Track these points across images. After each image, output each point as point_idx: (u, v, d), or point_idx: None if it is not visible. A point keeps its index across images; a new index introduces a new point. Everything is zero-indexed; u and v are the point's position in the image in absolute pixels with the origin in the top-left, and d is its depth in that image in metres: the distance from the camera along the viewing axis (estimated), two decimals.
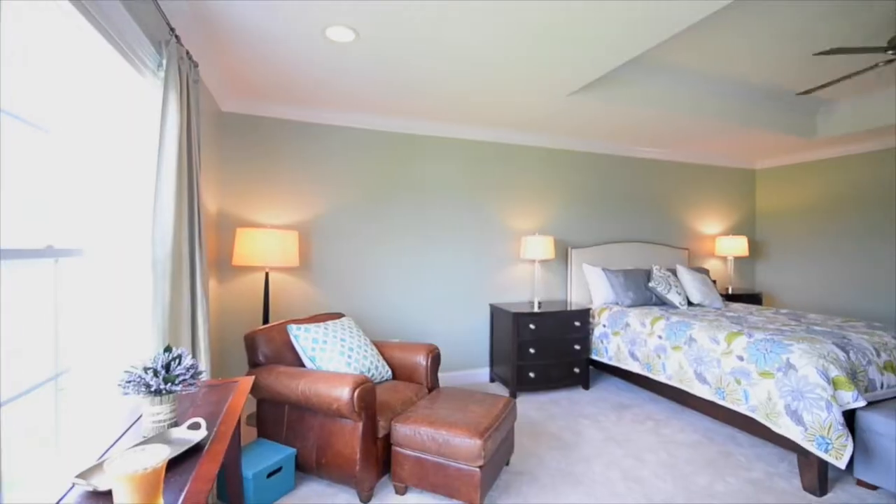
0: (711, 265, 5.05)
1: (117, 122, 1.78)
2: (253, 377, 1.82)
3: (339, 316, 2.87)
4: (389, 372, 2.63)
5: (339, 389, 2.01)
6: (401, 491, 2.13)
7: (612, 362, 3.56)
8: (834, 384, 2.20)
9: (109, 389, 1.58)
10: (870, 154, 4.29)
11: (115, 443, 1.26)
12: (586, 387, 3.72)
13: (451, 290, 3.86)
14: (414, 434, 2.06)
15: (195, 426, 1.29)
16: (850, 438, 2.08)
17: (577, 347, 3.65)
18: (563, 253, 4.30)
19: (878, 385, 2.37)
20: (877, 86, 3.50)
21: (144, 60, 1.74)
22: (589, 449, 2.63)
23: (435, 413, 2.18)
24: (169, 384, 1.25)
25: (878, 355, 2.45)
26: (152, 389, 1.23)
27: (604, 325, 3.72)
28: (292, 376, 2.17)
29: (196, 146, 2.04)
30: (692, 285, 3.92)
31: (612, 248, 4.41)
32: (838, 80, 2.70)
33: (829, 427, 2.11)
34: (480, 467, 1.95)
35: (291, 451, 2.17)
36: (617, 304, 3.89)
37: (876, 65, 2.54)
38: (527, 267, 4.14)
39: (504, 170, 4.06)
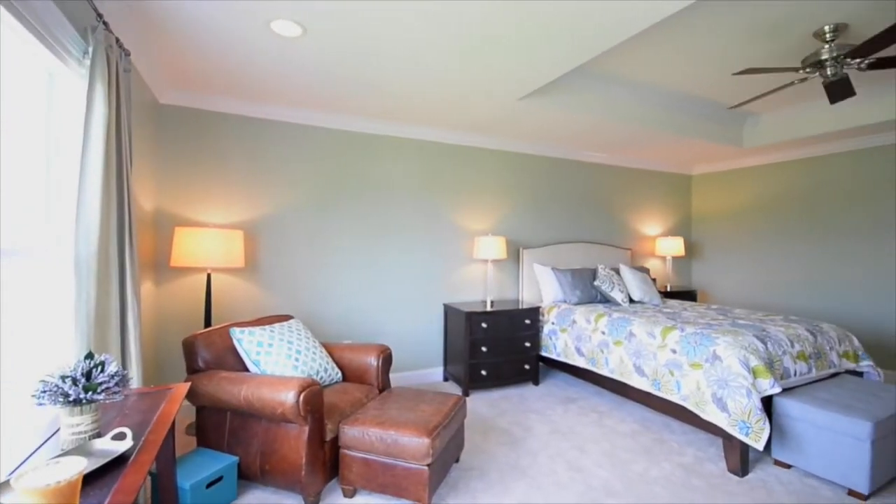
0: (652, 264, 5.35)
1: (37, 113, 1.65)
2: (189, 384, 1.74)
3: (287, 318, 2.80)
4: (339, 374, 2.59)
5: (283, 393, 1.96)
6: (349, 494, 2.11)
7: (561, 358, 3.69)
8: (754, 373, 2.40)
9: (26, 400, 1.46)
10: (790, 162, 4.71)
11: (28, 457, 1.16)
12: (536, 383, 3.83)
13: (405, 290, 3.85)
14: (362, 436, 2.05)
15: (120, 436, 1.22)
16: (767, 422, 2.28)
17: (527, 345, 3.76)
18: (515, 253, 4.41)
19: (792, 373, 2.61)
20: (795, 101, 3.86)
21: (67, 47, 1.63)
22: (536, 442, 2.72)
23: (384, 414, 2.18)
24: (90, 393, 1.17)
25: (793, 346, 2.70)
26: (70, 399, 1.15)
27: (553, 323, 3.85)
28: (234, 381, 2.09)
29: (126, 139, 1.92)
30: (634, 283, 4.14)
31: (562, 248, 4.57)
32: (762, 96, 2.94)
33: (750, 412, 2.30)
34: (429, 465, 1.96)
35: (233, 459, 2.09)
36: (565, 302, 4.04)
37: (792, 82, 2.80)
38: (480, 267, 4.21)
39: (458, 171, 4.11)
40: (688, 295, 5.04)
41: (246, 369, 2.36)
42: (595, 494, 2.16)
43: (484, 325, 3.56)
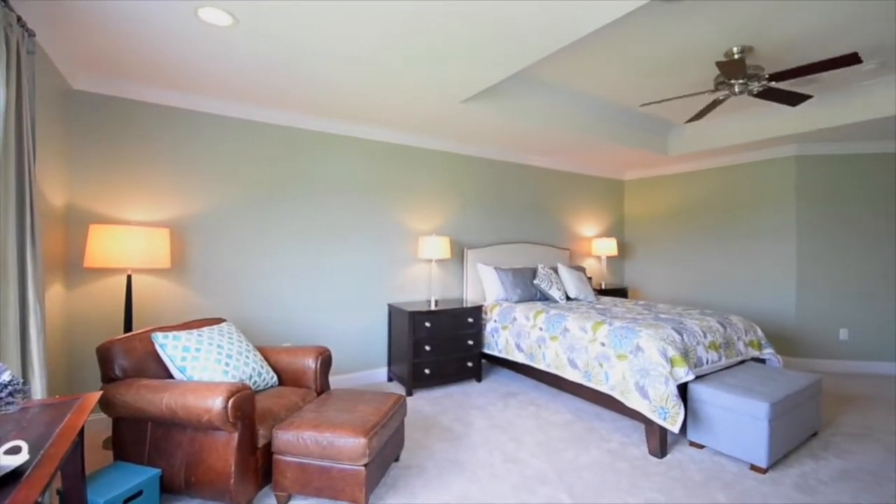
0: (588, 264, 5.65)
1: None
2: (100, 393, 1.61)
3: (218, 321, 2.67)
4: (275, 378, 2.51)
5: (210, 400, 1.87)
6: (283, 500, 2.05)
7: (502, 355, 3.80)
8: (671, 362, 2.61)
9: None
10: (708, 171, 5.15)
11: None
12: (479, 379, 3.92)
13: (349, 291, 3.80)
14: (297, 440, 2.00)
15: (14, 450, 1.12)
16: (682, 407, 2.49)
17: (470, 343, 3.83)
18: (459, 253, 4.48)
19: (705, 361, 2.87)
20: (710, 116, 4.23)
21: None
22: (476, 437, 2.78)
23: (321, 416, 2.14)
24: None
25: (705, 337, 2.96)
26: None
27: (495, 321, 3.96)
28: (156, 389, 1.97)
29: (28, 127, 1.76)
30: (570, 282, 4.35)
31: (505, 248, 4.71)
32: (706, 111, 3.20)
33: (667, 398, 2.50)
34: (365, 465, 1.95)
35: (155, 471, 1.96)
36: (507, 300, 4.17)
37: (717, 100, 3.07)
38: (424, 267, 4.23)
39: (404, 171, 4.11)
40: (620, 292, 5.36)
41: (170, 377, 2.22)
42: (529, 483, 2.26)
43: (427, 324, 3.59)
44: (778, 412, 2.42)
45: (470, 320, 3.84)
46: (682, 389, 2.72)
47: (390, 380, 3.93)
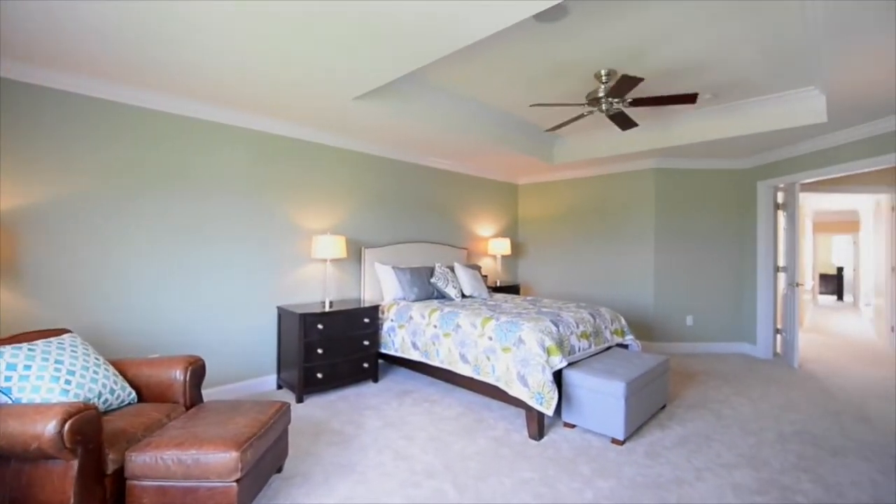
0: (485, 262, 5.93)
1: None
2: None
3: (60, 333, 2.28)
4: (133, 394, 2.23)
5: (40, 424, 1.60)
6: None
7: (398, 353, 3.82)
8: (548, 352, 2.85)
9: None
10: (588, 179, 5.71)
11: None
12: (376, 380, 3.89)
13: (233, 294, 3.51)
14: (155, 461, 1.79)
15: None
16: (556, 392, 2.73)
17: (366, 343, 3.78)
18: (357, 252, 4.40)
19: (577, 349, 3.18)
20: (589, 129, 4.69)
21: None
22: (367, 438, 2.76)
23: (187, 432, 1.94)
24: None
25: (578, 327, 3.29)
26: None
27: (392, 320, 3.96)
28: None
29: None
30: (465, 280, 4.53)
31: (403, 247, 4.73)
32: (570, 122, 3.51)
33: (544, 385, 2.72)
34: (237, 481, 1.82)
35: None
36: (404, 299, 4.20)
37: (581, 115, 3.41)
38: (319, 266, 4.08)
39: (296, 166, 3.91)
40: (513, 289, 5.72)
41: None
42: (416, 478, 2.30)
43: (320, 325, 3.47)
44: (633, 390, 2.77)
45: (366, 320, 3.79)
46: (559, 376, 2.99)
47: (280, 387, 3.72)
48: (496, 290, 5.49)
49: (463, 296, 4.49)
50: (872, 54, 2.39)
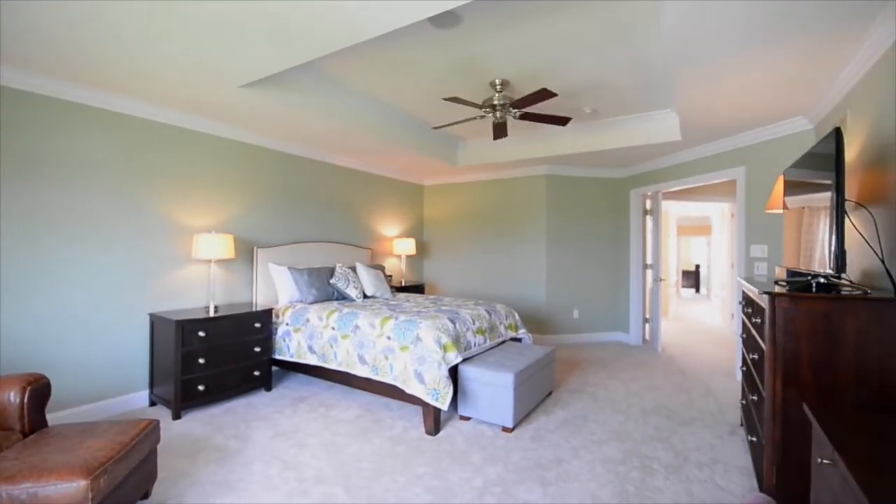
0: (390, 262, 5.91)
1: None
2: None
3: None
4: None
5: None
6: None
7: (294, 359, 3.64)
8: (444, 348, 2.93)
9: None
10: (489, 182, 5.99)
11: None
12: (269, 388, 3.66)
13: (93, 300, 3.04)
14: None
15: None
16: (451, 387, 2.82)
17: (257, 350, 3.55)
18: (248, 253, 4.10)
19: (473, 345, 3.32)
20: (489, 134, 4.92)
21: None
22: (254, 451, 2.59)
23: (21, 462, 1.65)
24: None
25: (474, 323, 3.43)
26: None
27: (287, 324, 3.76)
28: None
29: None
30: (368, 280, 4.47)
31: (302, 247, 4.52)
32: (457, 123, 3.63)
33: (439, 381, 2.80)
34: None
35: None
36: (301, 301, 4.01)
37: (475, 117, 3.56)
38: (202, 268, 3.72)
39: (174, 157, 3.52)
40: (418, 288, 5.78)
41: None
42: (305, 486, 2.21)
43: (202, 333, 3.17)
44: (521, 380, 2.97)
45: (257, 325, 3.55)
46: (455, 372, 3.09)
47: (153, 404, 3.32)
48: (401, 289, 5.50)
49: (365, 296, 4.42)
50: (714, 83, 2.84)
